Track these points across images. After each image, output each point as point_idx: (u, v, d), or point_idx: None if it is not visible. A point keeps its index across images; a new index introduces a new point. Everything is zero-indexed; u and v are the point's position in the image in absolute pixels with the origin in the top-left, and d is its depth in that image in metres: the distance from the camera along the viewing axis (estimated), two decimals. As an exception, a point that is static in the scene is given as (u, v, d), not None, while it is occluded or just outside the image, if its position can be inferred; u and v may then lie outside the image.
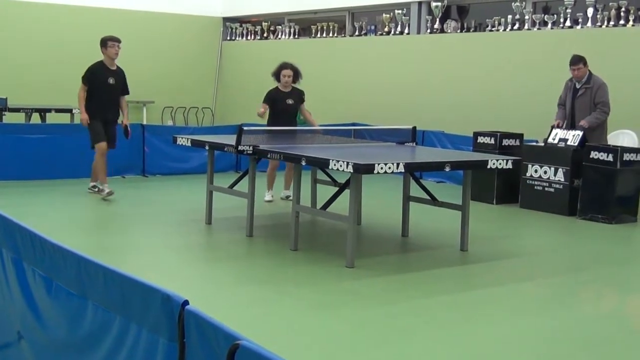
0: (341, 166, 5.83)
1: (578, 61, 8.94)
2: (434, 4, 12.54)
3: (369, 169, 5.81)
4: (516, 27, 11.58)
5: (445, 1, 12.53)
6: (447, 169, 6.43)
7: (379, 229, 7.99)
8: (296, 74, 8.98)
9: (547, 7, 11.82)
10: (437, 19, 12.58)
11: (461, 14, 13.14)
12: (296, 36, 15.68)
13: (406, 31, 13.18)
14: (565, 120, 9.20)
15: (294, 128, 8.78)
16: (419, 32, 13.02)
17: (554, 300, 5.62)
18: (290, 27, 15.73)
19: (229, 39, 17.29)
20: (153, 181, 10.76)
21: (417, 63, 12.73)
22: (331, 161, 5.94)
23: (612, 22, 10.40)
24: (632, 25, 10.19)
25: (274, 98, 8.88)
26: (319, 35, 15.00)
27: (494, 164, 6.61)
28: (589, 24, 10.63)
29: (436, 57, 12.46)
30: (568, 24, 10.86)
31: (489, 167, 6.65)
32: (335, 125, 11.37)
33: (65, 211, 8.37)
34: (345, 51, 14.17)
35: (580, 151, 8.72)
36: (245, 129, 7.04)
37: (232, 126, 10.79)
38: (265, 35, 16.38)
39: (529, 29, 11.39)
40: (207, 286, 5.72)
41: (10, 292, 3.56)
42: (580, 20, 10.74)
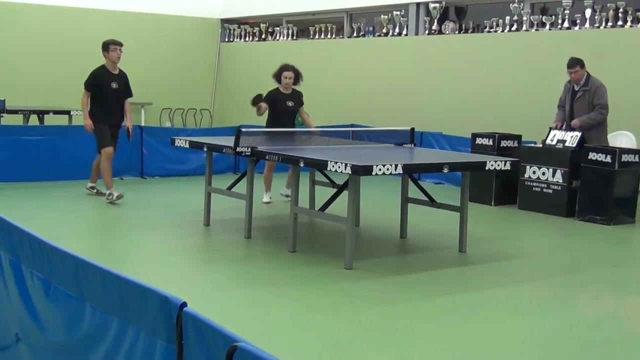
0: (339, 167, 5.83)
1: (575, 64, 8.94)
2: (432, 5, 12.55)
3: (367, 170, 5.81)
4: (514, 29, 11.59)
5: (443, 2, 12.54)
6: (446, 170, 6.43)
7: (377, 230, 7.99)
8: (297, 76, 8.96)
9: (545, 8, 11.83)
10: (435, 20, 12.58)
11: (459, 15, 13.15)
12: (294, 37, 15.68)
13: (404, 32, 13.18)
14: (565, 122, 9.20)
15: (292, 130, 8.77)
16: (417, 34, 13.02)
17: (552, 301, 5.62)
18: (289, 29, 15.72)
19: (227, 40, 17.29)
20: (151, 183, 10.76)
21: (415, 64, 12.74)
22: (329, 162, 5.94)
23: (610, 23, 10.40)
24: (630, 26, 10.20)
25: (274, 99, 8.86)
26: (317, 37, 15.00)
27: (492, 165, 6.61)
28: (587, 25, 10.64)
29: (434, 58, 12.47)
30: (566, 25, 10.87)
31: (487, 168, 6.65)
32: (333, 127, 11.38)
33: (63, 213, 8.36)
34: (343, 52, 14.17)
35: (579, 152, 8.72)
36: (244, 130, 7.03)
37: (230, 128, 10.79)
38: (263, 36, 16.39)
39: (527, 30, 11.39)
40: (205, 288, 5.71)
41: (8, 295, 3.55)
42: (578, 22, 10.75)
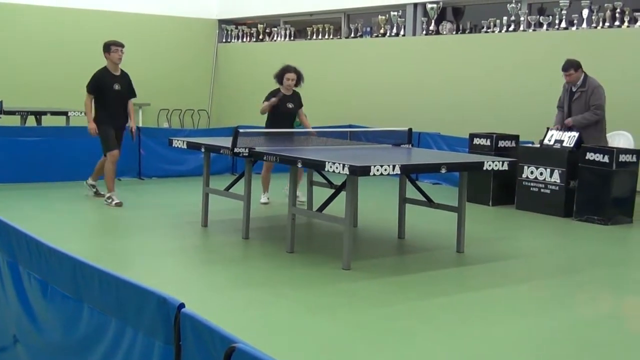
0: (337, 168, 5.83)
1: (569, 67, 8.93)
2: (429, 6, 12.55)
3: (365, 170, 5.80)
4: (511, 29, 11.60)
5: (441, 3, 12.55)
6: (443, 171, 6.43)
7: (375, 231, 7.99)
8: (299, 77, 8.93)
9: (542, 8, 11.84)
10: (433, 21, 12.59)
11: (456, 15, 13.16)
12: (292, 38, 15.68)
13: (402, 33, 13.19)
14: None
15: (290, 130, 8.75)
16: (414, 34, 13.03)
17: (550, 301, 5.63)
18: (286, 29, 15.72)
19: (224, 41, 17.29)
20: (149, 184, 10.75)
21: (413, 65, 12.74)
22: (327, 163, 5.94)
23: (607, 24, 10.42)
24: (627, 27, 10.21)
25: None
26: (314, 37, 15.01)
27: (489, 165, 6.61)
28: (584, 25, 10.65)
29: (432, 58, 12.47)
30: (563, 25, 10.88)
31: (484, 168, 6.65)
32: (331, 127, 11.37)
33: (60, 214, 8.35)
34: (340, 53, 14.17)
35: (576, 152, 8.73)
36: (241, 131, 7.03)
37: (228, 128, 10.79)
38: (260, 37, 16.38)
39: (524, 31, 11.40)
40: (203, 289, 5.71)
41: (5, 296, 3.55)
42: (575, 22, 10.76)
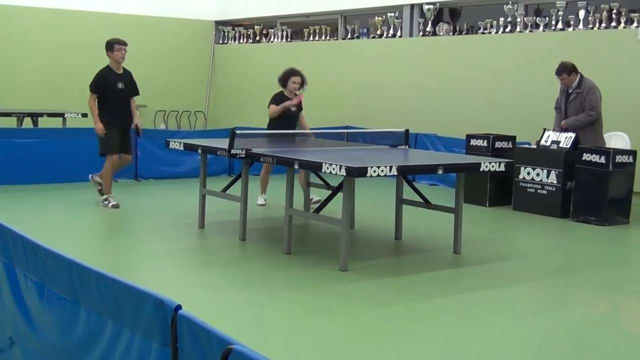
0: (334, 169, 5.83)
1: (562, 71, 8.94)
2: (426, 7, 12.56)
3: (362, 172, 5.80)
4: (508, 30, 11.61)
5: (437, 4, 12.56)
6: (440, 172, 6.43)
7: (372, 232, 7.98)
8: (303, 81, 8.92)
9: (539, 9, 11.86)
10: (430, 22, 12.60)
11: (453, 16, 13.17)
12: (289, 39, 15.69)
13: (398, 34, 13.20)
14: (562, 126, 9.23)
15: (286, 132, 8.73)
16: (411, 35, 13.04)
17: (547, 302, 5.63)
18: (283, 31, 15.72)
19: (221, 42, 17.29)
20: (146, 185, 10.74)
21: (410, 66, 12.75)
22: (324, 164, 5.93)
23: (603, 24, 10.43)
24: (624, 27, 10.22)
25: (280, 102, 8.78)
26: (311, 39, 15.01)
27: (486, 166, 6.62)
28: (580, 26, 10.67)
29: (428, 59, 12.48)
30: (560, 26, 10.90)
31: (481, 169, 6.65)
32: (328, 129, 11.37)
33: (57, 216, 8.34)
34: (337, 54, 14.18)
35: (573, 153, 8.74)
36: (238, 132, 7.02)
37: (224, 130, 10.78)
38: (257, 38, 16.39)
39: (521, 32, 11.42)
40: (200, 290, 5.70)
41: (1, 298, 3.55)
42: (572, 23, 10.78)
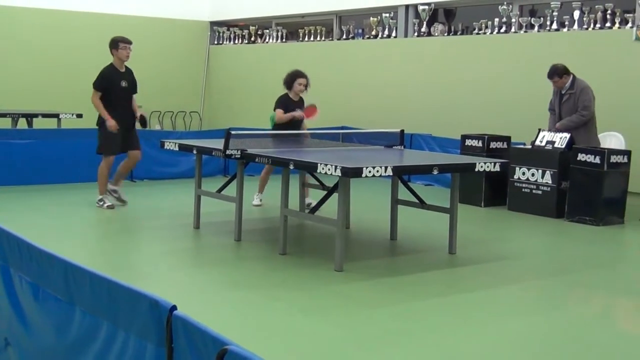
0: (329, 170, 5.83)
1: (552, 74, 8.96)
2: (421, 7, 12.57)
3: (357, 172, 5.80)
4: (503, 30, 11.62)
5: (432, 4, 12.57)
6: (435, 172, 6.43)
7: (367, 232, 7.99)
8: (308, 83, 8.86)
9: (533, 10, 11.88)
10: (424, 22, 12.61)
11: (448, 17, 13.18)
12: (284, 40, 15.68)
13: (393, 34, 13.20)
14: (556, 126, 9.24)
15: (283, 132, 8.71)
16: (406, 36, 13.05)
17: (543, 302, 5.64)
18: (278, 31, 15.72)
19: (216, 43, 17.27)
20: (141, 186, 10.72)
21: (405, 66, 12.76)
22: (319, 165, 5.93)
23: (598, 25, 10.45)
24: (618, 28, 10.24)
25: (286, 105, 8.70)
26: (306, 39, 15.01)
27: (481, 166, 6.62)
28: (575, 26, 10.69)
29: (423, 60, 12.49)
30: (555, 26, 10.92)
31: (476, 169, 6.66)
32: (323, 129, 11.37)
33: (52, 217, 8.32)
34: (332, 55, 14.18)
35: (568, 153, 8.75)
36: (233, 133, 7.02)
37: (219, 130, 10.77)
38: (252, 39, 16.38)
39: (515, 32, 11.43)
40: (195, 291, 5.70)
41: (-4, 299, 3.54)
42: (566, 23, 10.79)
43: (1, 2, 14.70)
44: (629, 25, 10.08)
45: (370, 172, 5.78)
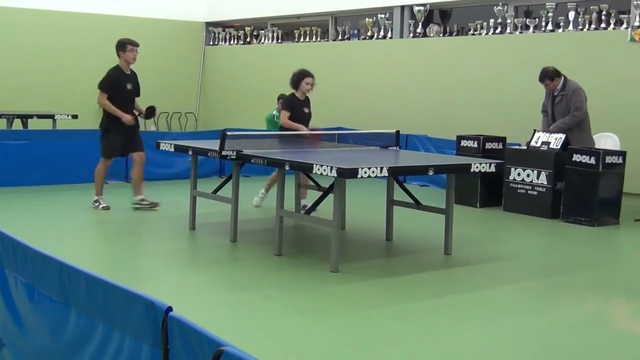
0: (325, 170, 5.83)
1: (544, 78, 8.99)
2: (416, 8, 12.58)
3: (353, 173, 5.80)
4: (498, 31, 11.64)
5: (428, 5, 12.58)
6: (431, 173, 6.43)
7: (363, 233, 7.99)
8: (314, 82, 8.83)
9: (528, 10, 11.89)
10: (420, 23, 12.62)
11: (443, 18, 13.19)
12: (279, 41, 15.68)
13: (389, 35, 13.21)
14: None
15: (281, 133, 8.69)
16: (401, 36, 13.05)
17: (538, 303, 5.64)
18: (273, 32, 15.72)
19: (211, 43, 17.26)
20: (136, 187, 10.69)
21: (400, 67, 12.77)
22: (315, 165, 5.94)
23: (593, 26, 10.47)
24: (613, 29, 10.26)
25: (293, 106, 8.65)
26: (302, 40, 15.01)
27: (477, 167, 6.63)
28: (570, 27, 10.70)
29: (419, 61, 12.50)
30: (550, 27, 10.94)
31: (472, 170, 6.67)
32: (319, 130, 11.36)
33: (47, 218, 8.30)
34: (328, 55, 14.17)
35: (563, 154, 8.77)
36: (229, 133, 7.02)
37: (215, 131, 10.76)
38: (248, 40, 16.37)
39: (511, 33, 11.45)
40: (190, 292, 5.69)
41: (-9, 300, 3.53)
42: (561, 24, 10.81)
43: (-4, 3, 14.69)
44: (624, 26, 10.11)
45: (365, 172, 5.78)
